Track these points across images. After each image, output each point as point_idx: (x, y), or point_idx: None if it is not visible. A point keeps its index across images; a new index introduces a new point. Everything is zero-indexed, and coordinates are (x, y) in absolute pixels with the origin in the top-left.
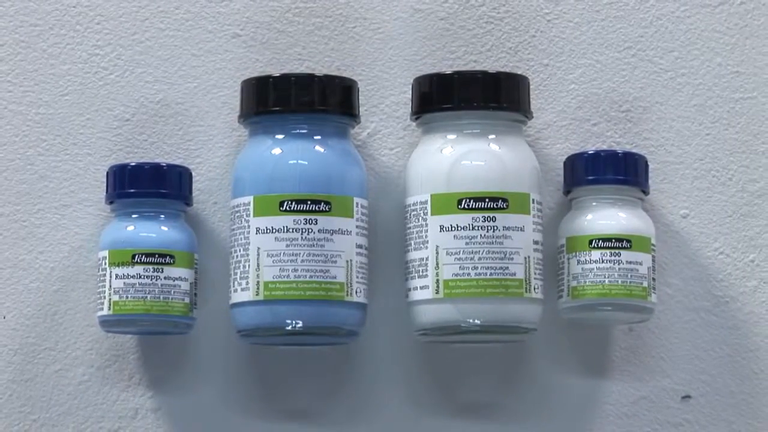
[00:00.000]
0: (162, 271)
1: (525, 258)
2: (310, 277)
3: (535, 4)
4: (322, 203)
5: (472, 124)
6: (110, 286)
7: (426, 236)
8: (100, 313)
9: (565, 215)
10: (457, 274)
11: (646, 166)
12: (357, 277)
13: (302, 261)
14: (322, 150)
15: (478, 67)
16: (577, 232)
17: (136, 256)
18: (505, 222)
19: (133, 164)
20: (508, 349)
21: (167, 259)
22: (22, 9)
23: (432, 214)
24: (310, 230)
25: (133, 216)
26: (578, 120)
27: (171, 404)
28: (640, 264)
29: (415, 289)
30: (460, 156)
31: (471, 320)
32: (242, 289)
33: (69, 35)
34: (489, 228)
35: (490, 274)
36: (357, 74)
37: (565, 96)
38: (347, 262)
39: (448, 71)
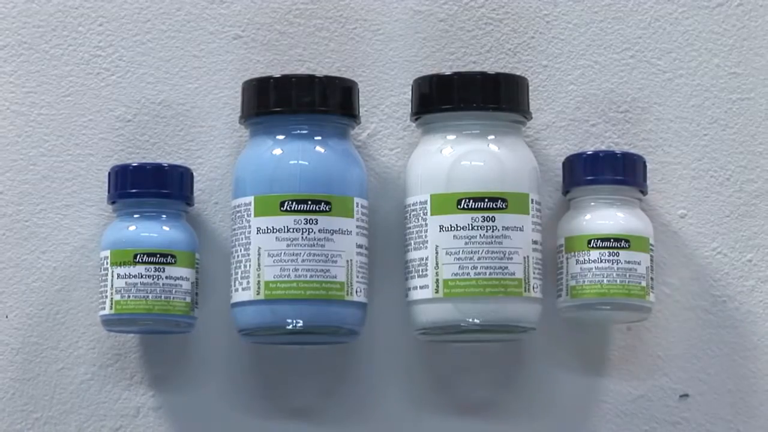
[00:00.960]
0: (163, 271)
1: (524, 258)
2: (311, 276)
3: (534, 5)
4: (323, 203)
5: (472, 124)
6: (112, 285)
7: (426, 236)
8: (101, 313)
9: (563, 215)
10: (456, 274)
11: (644, 166)
12: (357, 276)
13: (303, 261)
14: (322, 150)
15: (478, 68)
16: (575, 232)
17: (138, 256)
18: (504, 222)
19: (135, 164)
20: (507, 348)
21: (169, 259)
22: (24, 10)
23: (432, 214)
24: (310, 230)
25: (135, 216)
26: (577, 120)
27: (172, 403)
28: (639, 263)
29: (415, 288)
30: (459, 156)
31: (470, 319)
32: (243, 289)
33: (71, 36)
34: (488, 228)
35: (490, 273)
36: (357, 75)
37: (563, 97)
38: (347, 261)
39: (448, 72)
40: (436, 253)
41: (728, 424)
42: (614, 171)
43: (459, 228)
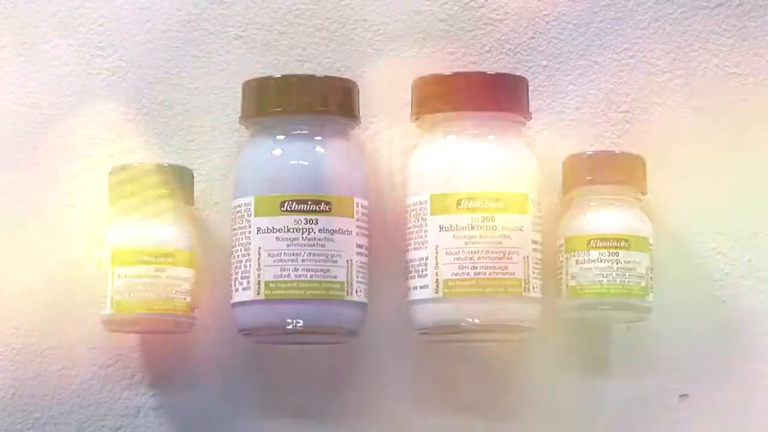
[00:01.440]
0: (164, 271)
1: (524, 258)
2: (311, 276)
3: (534, 5)
4: (323, 203)
5: (472, 124)
6: (113, 285)
7: (426, 236)
8: (102, 313)
9: (563, 215)
10: (456, 274)
11: (644, 166)
12: (357, 276)
13: (303, 260)
14: (322, 150)
15: (478, 69)
16: (575, 232)
17: (139, 256)
18: (504, 222)
19: (135, 165)
20: (507, 348)
21: (169, 259)
22: (25, 11)
23: (432, 214)
24: (310, 230)
25: (135, 216)
26: (577, 121)
27: (173, 402)
28: (638, 263)
29: (415, 288)
30: (459, 156)
31: (470, 319)
32: (243, 289)
33: (72, 36)
34: (488, 228)
35: (490, 273)
36: (357, 75)
37: (563, 97)
38: (347, 261)
39: (448, 72)
40: (436, 253)
41: (727, 424)
42: (614, 171)
43: (459, 228)
